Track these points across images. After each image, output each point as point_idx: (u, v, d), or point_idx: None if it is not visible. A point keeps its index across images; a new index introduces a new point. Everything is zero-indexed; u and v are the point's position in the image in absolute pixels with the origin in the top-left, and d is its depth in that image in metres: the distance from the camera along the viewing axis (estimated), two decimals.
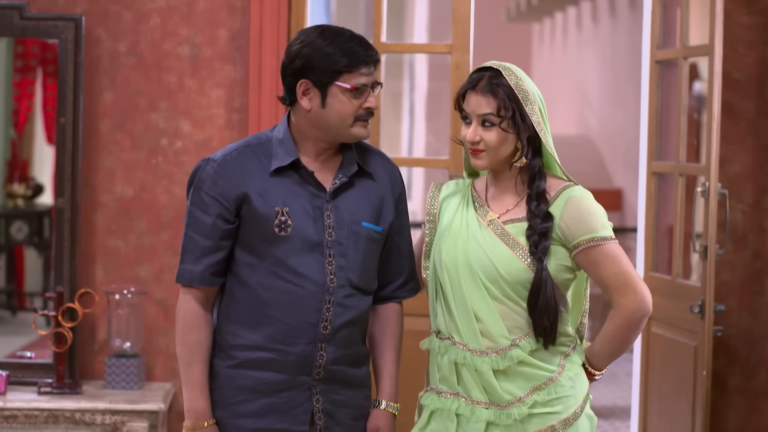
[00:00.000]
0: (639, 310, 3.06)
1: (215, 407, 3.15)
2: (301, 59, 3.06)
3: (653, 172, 4.99)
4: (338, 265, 3.11)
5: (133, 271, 4.81)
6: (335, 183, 3.13)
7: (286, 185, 3.11)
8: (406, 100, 13.72)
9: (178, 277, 3.13)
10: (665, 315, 4.86)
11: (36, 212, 6.75)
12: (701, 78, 8.57)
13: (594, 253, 3.07)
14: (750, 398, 4.98)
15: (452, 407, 3.11)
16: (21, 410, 4.50)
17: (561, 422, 3.08)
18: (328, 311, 3.10)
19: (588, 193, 3.11)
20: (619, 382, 8.81)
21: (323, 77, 3.05)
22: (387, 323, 3.25)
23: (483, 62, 3.17)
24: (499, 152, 3.10)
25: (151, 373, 4.83)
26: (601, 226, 3.08)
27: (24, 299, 6.87)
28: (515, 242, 3.08)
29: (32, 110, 6.69)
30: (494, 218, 3.13)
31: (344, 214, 3.13)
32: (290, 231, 3.08)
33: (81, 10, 4.77)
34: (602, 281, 3.09)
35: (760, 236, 4.97)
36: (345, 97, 3.07)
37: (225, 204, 3.09)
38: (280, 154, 3.11)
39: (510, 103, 3.06)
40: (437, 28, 13.03)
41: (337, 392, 3.16)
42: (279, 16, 4.70)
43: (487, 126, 3.08)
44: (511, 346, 3.07)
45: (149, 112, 4.81)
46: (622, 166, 12.22)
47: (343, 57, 3.04)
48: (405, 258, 3.26)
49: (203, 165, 3.13)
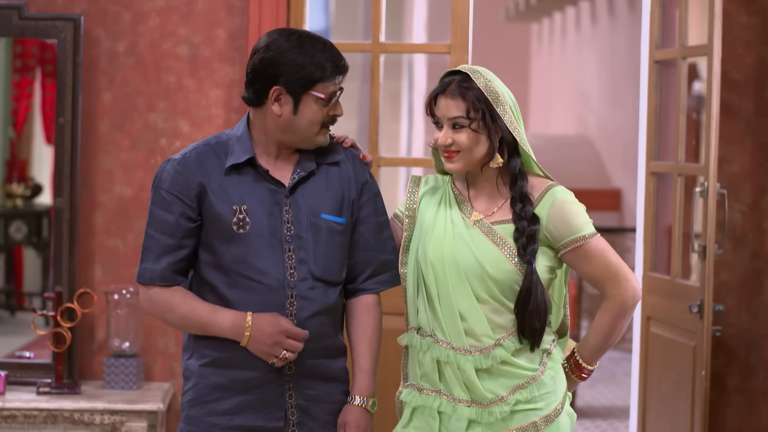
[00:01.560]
0: (632, 297, 3.14)
1: (191, 405, 3.16)
2: (276, 67, 3.08)
3: (652, 172, 4.99)
4: (298, 258, 3.12)
5: (132, 271, 4.81)
6: (293, 178, 3.15)
7: (243, 182, 3.13)
8: (404, 100, 13.71)
9: (139, 276, 3.15)
10: (664, 315, 4.86)
11: (35, 212, 6.75)
12: (701, 78, 8.57)
13: (582, 251, 3.11)
14: (749, 398, 4.98)
15: (434, 405, 3.13)
16: (20, 410, 4.50)
17: (542, 419, 3.10)
18: (291, 305, 3.11)
19: (570, 194, 3.15)
20: (618, 382, 8.81)
21: (297, 86, 3.08)
22: (359, 316, 3.24)
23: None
24: (473, 154, 3.11)
25: (150, 373, 4.83)
26: (584, 224, 3.12)
27: (23, 299, 6.87)
28: (503, 241, 3.10)
29: (31, 110, 6.69)
30: (480, 218, 3.13)
31: (303, 208, 3.15)
32: (248, 228, 3.10)
33: (80, 10, 4.77)
34: (592, 276, 3.14)
35: (759, 236, 4.97)
36: (317, 106, 3.11)
37: (187, 202, 3.11)
38: (236, 151, 3.14)
39: (479, 104, 3.08)
40: (436, 28, 13.03)
41: (312, 387, 3.17)
42: (278, 16, 4.70)
43: (458, 128, 3.10)
44: (494, 345, 3.09)
45: (148, 112, 4.81)
46: (621, 166, 12.23)
47: (318, 68, 3.08)
48: (371, 249, 3.24)
49: (164, 165, 3.16)
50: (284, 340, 3.04)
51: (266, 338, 3.04)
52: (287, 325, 3.05)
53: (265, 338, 3.04)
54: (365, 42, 4.92)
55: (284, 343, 3.04)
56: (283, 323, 3.04)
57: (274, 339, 3.04)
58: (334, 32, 12.52)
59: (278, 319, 3.05)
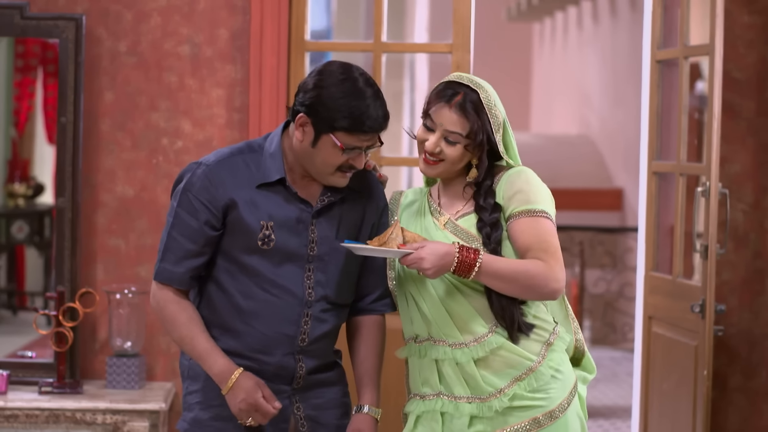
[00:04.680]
0: (554, 279, 3.02)
1: (199, 408, 3.17)
2: (312, 98, 3.04)
3: (654, 172, 4.99)
4: (317, 280, 3.14)
5: (134, 271, 4.81)
6: (323, 200, 3.14)
7: (272, 199, 3.12)
8: (406, 99, 13.71)
9: (157, 275, 3.14)
10: (666, 315, 4.86)
11: (37, 212, 6.75)
12: (702, 77, 8.57)
13: (526, 221, 3.06)
14: (750, 398, 4.98)
15: (436, 407, 3.14)
16: (22, 410, 4.50)
17: (545, 415, 3.09)
18: (306, 324, 3.14)
19: (530, 171, 3.12)
20: (620, 381, 8.81)
21: (322, 124, 3.04)
22: (367, 334, 3.26)
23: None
24: (455, 166, 3.14)
25: (152, 373, 4.83)
26: (540, 200, 3.08)
27: (25, 299, 6.87)
28: (469, 235, 3.10)
29: (33, 110, 6.69)
30: (447, 219, 3.15)
31: (328, 231, 3.14)
32: (272, 245, 3.10)
33: (81, 10, 4.77)
34: (527, 245, 3.03)
35: (761, 236, 4.97)
36: (335, 150, 3.06)
37: (213, 211, 3.10)
38: (269, 169, 3.12)
39: (481, 129, 3.08)
40: (438, 27, 13.02)
41: (317, 396, 3.20)
42: (279, 15, 4.70)
43: (451, 143, 3.10)
44: (489, 332, 3.09)
45: (150, 111, 4.81)
46: (623, 165, 12.23)
47: (345, 118, 3.02)
48: (380, 273, 3.26)
49: (194, 168, 3.13)
50: (252, 411, 3.07)
51: (238, 402, 3.07)
52: (260, 400, 3.07)
53: (238, 402, 3.07)
54: (367, 42, 4.92)
55: (251, 413, 3.08)
56: (257, 398, 3.07)
57: (242, 406, 3.07)
58: (336, 32, 12.52)
59: (256, 392, 3.07)
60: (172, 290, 3.13)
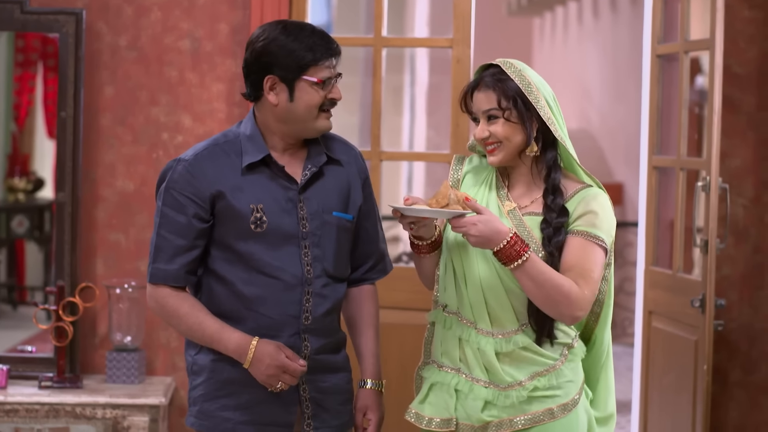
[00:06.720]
0: (577, 306, 3.00)
1: (204, 400, 3.17)
2: (267, 56, 3.09)
3: (654, 167, 4.99)
4: (313, 256, 3.15)
5: (134, 265, 4.81)
6: (305, 174, 3.16)
7: (258, 181, 3.13)
8: (406, 94, 13.70)
9: (152, 277, 3.13)
10: (666, 309, 4.86)
11: (37, 206, 6.75)
12: (703, 72, 8.57)
13: (581, 241, 3.06)
14: (750, 392, 4.98)
15: (452, 382, 3.14)
16: (22, 404, 4.50)
17: (559, 407, 3.11)
18: (308, 302, 3.14)
19: (606, 196, 3.12)
20: (620, 376, 8.80)
21: (290, 72, 3.08)
22: (362, 304, 3.30)
23: (484, 56, 3.18)
24: (511, 144, 3.11)
25: (152, 367, 4.83)
26: (604, 228, 3.08)
27: (25, 293, 6.87)
28: (530, 235, 3.09)
29: (33, 104, 6.69)
30: (514, 207, 3.14)
31: (315, 205, 3.16)
32: (266, 227, 3.11)
33: (81, 5, 4.77)
34: (571, 264, 3.04)
35: (761, 230, 4.97)
36: (312, 90, 3.09)
37: (200, 203, 3.10)
38: (250, 150, 3.14)
39: (511, 93, 3.09)
40: (438, 22, 13.01)
41: (323, 380, 3.20)
42: (280, 9, 4.70)
43: (493, 120, 3.11)
44: (517, 330, 3.10)
45: (150, 106, 4.81)
46: (623, 160, 12.22)
47: (308, 52, 3.08)
48: (373, 242, 3.31)
49: (174, 165, 3.14)
50: (280, 374, 3.06)
51: (264, 369, 3.06)
52: (285, 360, 3.06)
53: (264, 368, 3.06)
54: (367, 36, 4.92)
55: (280, 377, 3.07)
56: (282, 359, 3.06)
57: (270, 372, 3.06)
58: (336, 26, 12.51)
59: (279, 354, 3.07)
60: (169, 288, 3.13)
